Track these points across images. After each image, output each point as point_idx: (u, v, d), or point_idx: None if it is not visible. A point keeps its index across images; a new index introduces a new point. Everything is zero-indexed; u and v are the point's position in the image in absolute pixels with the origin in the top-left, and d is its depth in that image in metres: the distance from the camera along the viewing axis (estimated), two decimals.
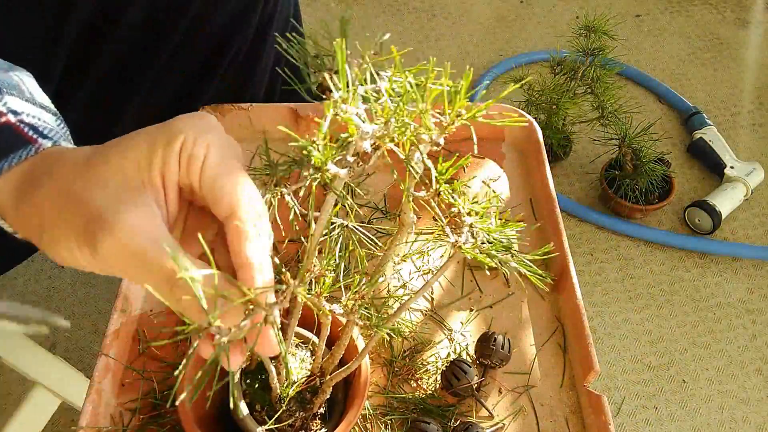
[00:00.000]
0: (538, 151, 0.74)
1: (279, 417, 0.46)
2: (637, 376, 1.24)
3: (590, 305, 1.33)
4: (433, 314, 0.64)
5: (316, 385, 0.47)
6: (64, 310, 1.27)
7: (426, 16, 1.91)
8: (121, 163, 0.34)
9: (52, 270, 1.32)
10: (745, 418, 1.19)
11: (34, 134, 0.37)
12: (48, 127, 0.39)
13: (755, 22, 1.93)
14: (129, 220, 0.33)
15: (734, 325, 1.31)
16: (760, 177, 1.46)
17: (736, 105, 1.71)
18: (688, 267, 1.40)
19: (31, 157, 0.36)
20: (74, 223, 0.33)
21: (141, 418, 0.55)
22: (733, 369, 1.25)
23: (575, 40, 1.30)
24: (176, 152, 0.35)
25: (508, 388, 0.59)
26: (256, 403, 0.46)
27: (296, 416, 0.46)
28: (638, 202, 1.38)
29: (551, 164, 1.16)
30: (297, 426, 0.47)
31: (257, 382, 0.47)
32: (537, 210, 0.72)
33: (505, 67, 1.73)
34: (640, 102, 1.69)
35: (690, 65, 1.80)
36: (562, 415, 0.58)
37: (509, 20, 1.91)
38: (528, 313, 0.65)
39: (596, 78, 1.32)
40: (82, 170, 0.35)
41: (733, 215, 1.46)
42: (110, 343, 0.57)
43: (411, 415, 0.56)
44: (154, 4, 0.68)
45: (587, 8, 1.95)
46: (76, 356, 1.20)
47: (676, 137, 1.63)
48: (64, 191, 0.34)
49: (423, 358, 0.60)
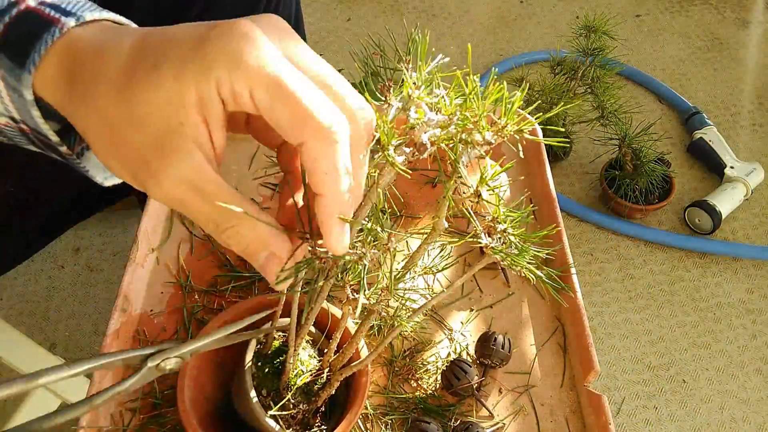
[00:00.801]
0: (539, 151, 0.74)
1: (284, 405, 0.46)
2: (637, 376, 1.24)
3: (590, 305, 1.33)
4: (433, 314, 0.64)
5: (323, 380, 0.48)
6: (64, 310, 1.27)
7: (426, 16, 1.91)
8: (154, 100, 0.31)
9: (52, 270, 1.32)
10: (745, 418, 1.19)
11: (56, 13, 0.34)
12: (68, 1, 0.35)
13: (755, 22, 1.93)
14: (173, 173, 0.32)
15: (734, 325, 1.31)
16: (760, 177, 1.46)
17: (736, 105, 1.71)
18: (688, 267, 1.40)
19: (59, 40, 0.34)
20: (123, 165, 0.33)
21: (141, 418, 0.55)
22: (733, 369, 1.25)
23: (575, 40, 1.30)
24: (213, 91, 0.31)
25: (508, 388, 0.59)
26: (263, 389, 0.47)
27: (300, 408, 0.47)
28: (638, 202, 1.38)
29: (551, 164, 1.17)
30: (298, 419, 0.47)
31: (267, 366, 0.48)
32: (537, 210, 0.72)
33: (505, 67, 1.73)
34: (640, 102, 1.69)
35: (690, 65, 1.80)
36: (562, 415, 0.58)
37: (509, 20, 1.91)
38: (528, 313, 0.65)
39: (596, 78, 1.32)
40: (118, 99, 0.32)
41: (733, 215, 1.46)
42: (110, 343, 0.57)
43: (411, 414, 0.56)
44: (157, 6, 0.68)
45: (587, 8, 1.95)
46: (76, 356, 1.20)
47: (676, 137, 1.63)
48: (105, 121, 0.33)
49: (423, 358, 0.60)
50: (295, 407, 0.47)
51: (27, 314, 1.26)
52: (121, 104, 0.32)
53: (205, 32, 0.31)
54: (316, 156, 0.31)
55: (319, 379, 0.48)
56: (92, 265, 1.34)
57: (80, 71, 0.33)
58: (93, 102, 0.33)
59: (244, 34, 0.31)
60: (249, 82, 0.30)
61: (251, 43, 0.31)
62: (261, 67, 0.30)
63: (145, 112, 0.32)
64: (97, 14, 0.35)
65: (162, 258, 0.66)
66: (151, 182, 0.32)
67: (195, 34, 0.32)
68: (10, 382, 0.31)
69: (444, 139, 0.34)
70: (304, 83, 0.31)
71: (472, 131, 0.33)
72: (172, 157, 0.32)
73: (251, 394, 0.45)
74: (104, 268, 1.33)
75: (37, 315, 1.26)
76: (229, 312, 0.52)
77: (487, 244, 0.35)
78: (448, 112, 0.33)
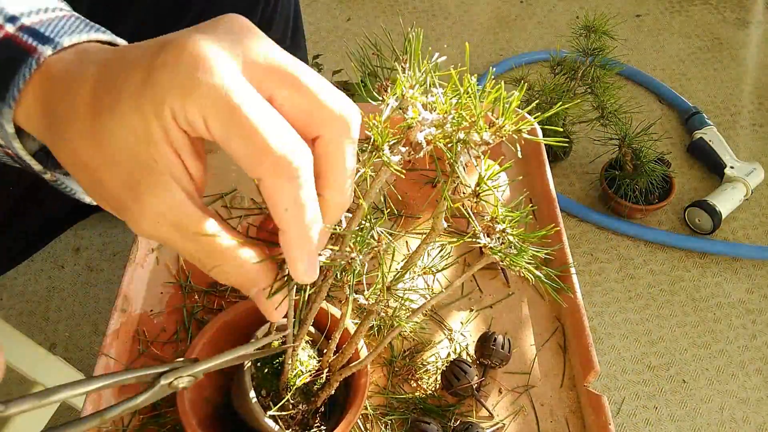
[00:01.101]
0: (538, 151, 0.74)
1: (283, 405, 0.46)
2: (637, 376, 1.24)
3: (590, 305, 1.33)
4: (433, 314, 0.64)
5: (323, 380, 0.48)
6: (64, 310, 1.27)
7: (426, 16, 1.91)
8: (121, 138, 0.30)
9: (52, 270, 1.32)
10: (745, 418, 1.19)
11: (33, 41, 0.33)
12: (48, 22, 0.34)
13: (755, 22, 1.93)
14: (150, 212, 0.31)
15: (734, 325, 1.31)
16: (760, 177, 1.46)
17: (736, 105, 1.71)
18: (688, 267, 1.40)
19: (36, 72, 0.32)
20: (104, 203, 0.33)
21: (141, 418, 0.55)
22: (733, 369, 1.25)
23: (575, 40, 1.30)
24: (172, 122, 0.30)
25: (508, 388, 0.59)
26: (262, 389, 0.47)
27: (299, 408, 0.47)
28: (638, 202, 1.38)
29: (551, 164, 1.16)
30: (297, 419, 0.47)
31: (267, 367, 0.48)
32: (537, 210, 0.72)
33: (504, 67, 1.73)
34: (640, 102, 1.69)
35: (690, 65, 1.80)
36: (562, 415, 0.58)
37: (509, 20, 1.91)
38: (528, 313, 0.65)
39: (596, 78, 1.32)
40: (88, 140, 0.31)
41: (733, 215, 1.46)
42: (110, 343, 0.57)
43: (411, 415, 0.56)
44: (157, 5, 0.69)
45: (587, 8, 1.95)
46: (76, 356, 1.20)
47: (676, 137, 1.63)
48: (81, 163, 0.32)
49: (423, 358, 0.60)
50: (294, 407, 0.47)
51: (27, 314, 1.26)
52: (92, 145, 0.31)
53: (154, 58, 0.29)
54: (272, 193, 0.30)
55: (319, 380, 0.48)
56: (92, 265, 1.34)
57: (55, 105, 0.32)
58: (68, 144, 0.32)
59: (193, 56, 0.29)
60: (202, 111, 0.29)
61: (201, 64, 0.29)
62: (212, 93, 0.28)
63: (116, 150, 0.30)
64: (75, 37, 0.34)
65: (162, 258, 0.66)
66: (131, 222, 0.32)
67: (145, 62, 0.30)
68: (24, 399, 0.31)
69: (441, 138, 0.33)
70: (260, 108, 0.29)
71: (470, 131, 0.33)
72: (147, 196, 0.31)
73: (250, 394, 0.45)
74: (104, 268, 1.33)
75: (37, 315, 1.26)
76: (229, 312, 0.52)
77: (485, 244, 0.35)
78: (442, 111, 0.33)
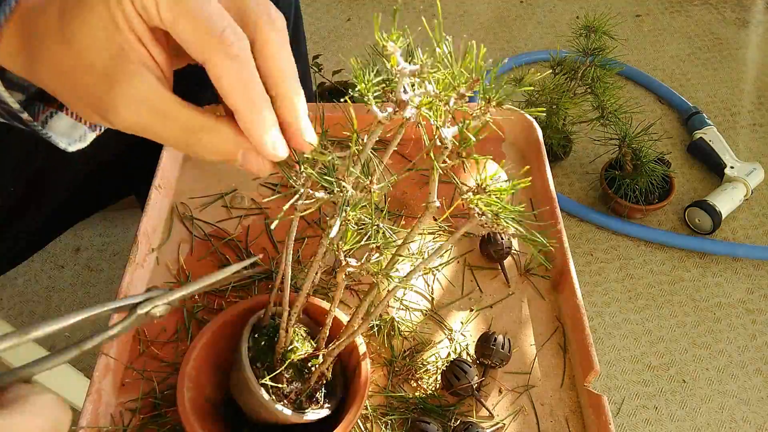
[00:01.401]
0: (538, 151, 0.74)
1: (276, 378, 0.46)
2: (637, 376, 1.24)
3: (590, 305, 1.33)
4: (433, 314, 0.64)
5: (318, 362, 0.48)
6: (64, 310, 1.27)
7: (426, 16, 1.91)
8: (88, 31, 0.32)
9: (52, 270, 1.32)
10: (745, 418, 1.19)
11: None
12: None
13: (755, 22, 1.93)
14: (127, 100, 0.32)
15: (734, 325, 1.31)
16: (760, 177, 1.46)
17: (736, 105, 1.71)
18: (688, 267, 1.40)
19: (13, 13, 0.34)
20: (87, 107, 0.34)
21: (141, 418, 0.55)
22: (733, 369, 1.25)
23: (575, 40, 1.30)
24: (130, 8, 0.31)
25: (508, 388, 0.59)
26: (257, 361, 0.47)
27: (293, 386, 0.47)
28: (638, 202, 1.38)
29: (551, 164, 1.17)
30: (291, 398, 0.47)
31: (264, 339, 0.48)
32: (537, 210, 0.72)
33: (504, 67, 1.73)
34: (640, 102, 1.69)
35: (690, 65, 1.80)
36: (562, 415, 0.58)
37: (509, 20, 1.91)
38: (528, 313, 0.65)
39: (596, 78, 1.32)
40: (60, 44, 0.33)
41: (733, 215, 1.46)
42: (110, 343, 0.57)
43: (411, 414, 0.56)
44: None
45: (587, 8, 1.95)
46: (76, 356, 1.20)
47: (676, 137, 1.63)
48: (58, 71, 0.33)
49: (423, 358, 0.60)
50: (288, 384, 0.47)
51: (27, 314, 1.26)
52: (63, 48, 0.32)
53: None
54: (219, 73, 0.32)
55: (314, 360, 0.48)
56: (92, 265, 1.34)
57: (33, 31, 0.33)
58: (45, 56, 0.33)
59: None
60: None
61: None
62: None
63: (85, 46, 0.32)
64: None
65: (162, 258, 0.66)
66: (111, 115, 0.32)
67: None
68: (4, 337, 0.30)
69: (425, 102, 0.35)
70: None
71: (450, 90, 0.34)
72: (122, 85, 0.32)
73: (245, 362, 0.46)
74: (104, 268, 1.33)
75: (37, 315, 1.26)
76: (229, 312, 0.52)
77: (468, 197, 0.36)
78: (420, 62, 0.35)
